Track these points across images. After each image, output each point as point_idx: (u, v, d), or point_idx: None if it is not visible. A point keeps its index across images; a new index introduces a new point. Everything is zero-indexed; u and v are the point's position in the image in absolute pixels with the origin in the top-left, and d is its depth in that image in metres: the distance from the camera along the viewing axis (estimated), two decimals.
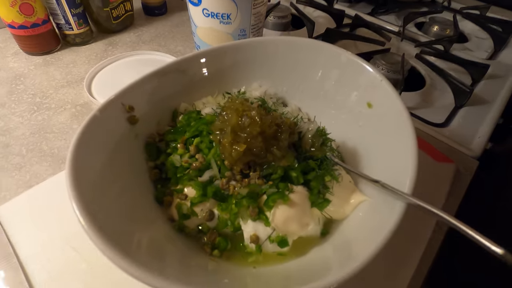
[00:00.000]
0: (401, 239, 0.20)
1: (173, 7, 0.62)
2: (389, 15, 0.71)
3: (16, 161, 0.32)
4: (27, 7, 0.41)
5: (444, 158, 0.36)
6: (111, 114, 0.23)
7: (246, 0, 0.38)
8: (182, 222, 0.24)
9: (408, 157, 0.21)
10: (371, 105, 0.27)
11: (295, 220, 0.23)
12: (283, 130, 0.23)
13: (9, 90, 0.40)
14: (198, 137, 0.26)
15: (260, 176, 0.23)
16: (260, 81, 0.33)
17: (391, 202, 0.20)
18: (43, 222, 0.26)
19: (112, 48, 0.50)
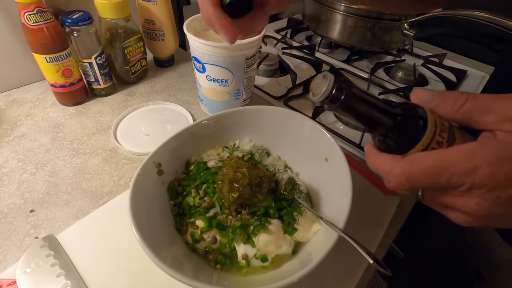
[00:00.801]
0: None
1: (179, 58, 0.74)
2: (362, 61, 0.84)
3: (64, 197, 0.42)
4: (67, 72, 0.53)
5: (390, 192, 0.47)
6: (147, 171, 0.34)
7: (239, 70, 0.50)
8: (194, 245, 0.34)
9: (346, 201, 0.32)
10: (327, 159, 0.38)
11: (273, 243, 0.34)
12: (264, 180, 0.34)
13: (52, 138, 0.51)
14: (206, 183, 0.37)
15: (248, 213, 0.34)
16: (250, 136, 0.44)
17: (331, 230, 0.31)
18: (92, 245, 0.36)
19: (130, 98, 0.61)
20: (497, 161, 0.17)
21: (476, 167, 0.17)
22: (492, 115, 0.20)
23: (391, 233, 0.42)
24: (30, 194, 0.42)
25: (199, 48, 0.47)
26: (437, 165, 0.18)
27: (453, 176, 0.18)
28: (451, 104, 0.21)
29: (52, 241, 0.36)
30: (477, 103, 0.20)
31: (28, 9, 0.45)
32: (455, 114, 0.21)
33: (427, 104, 0.22)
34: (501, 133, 0.19)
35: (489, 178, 0.17)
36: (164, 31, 0.64)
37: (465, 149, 0.18)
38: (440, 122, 0.22)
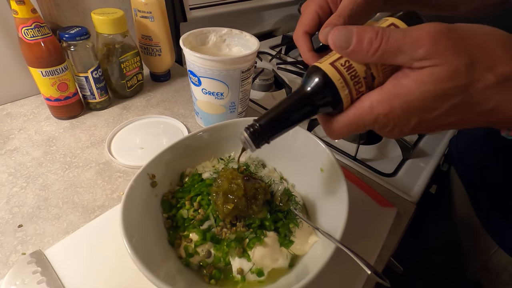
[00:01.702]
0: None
1: (175, 73, 0.75)
2: None
3: (54, 212, 0.41)
4: (63, 85, 0.53)
5: (387, 203, 0.46)
6: (141, 182, 0.33)
7: (235, 83, 0.51)
8: (188, 259, 0.33)
9: (342, 211, 0.31)
10: (323, 170, 0.38)
11: (269, 256, 0.33)
12: (259, 192, 0.34)
13: (44, 151, 0.50)
14: (200, 195, 0.36)
15: (244, 225, 0.33)
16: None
17: (328, 242, 0.30)
18: (82, 261, 0.35)
19: (126, 111, 0.61)
20: (389, 110, 0.22)
21: (376, 118, 0.23)
22: (402, 56, 0.21)
23: (389, 245, 0.42)
24: (19, 208, 0.41)
25: (195, 61, 0.48)
26: (352, 122, 0.24)
27: (365, 126, 0.24)
28: (367, 47, 0.21)
29: (39, 257, 0.35)
30: (390, 45, 0.21)
31: (26, 24, 0.45)
32: (371, 57, 0.22)
33: (343, 51, 0.22)
34: (409, 70, 0.21)
35: (387, 122, 0.23)
36: (161, 46, 0.65)
37: (368, 104, 0.23)
38: (351, 74, 0.23)
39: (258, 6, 0.91)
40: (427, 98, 0.21)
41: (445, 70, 0.20)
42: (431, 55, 0.20)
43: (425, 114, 0.22)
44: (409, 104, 0.21)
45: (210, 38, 0.56)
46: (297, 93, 0.25)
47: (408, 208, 0.48)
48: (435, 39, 0.20)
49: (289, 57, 0.93)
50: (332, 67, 0.23)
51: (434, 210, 0.64)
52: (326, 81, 0.23)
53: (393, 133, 0.24)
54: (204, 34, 0.55)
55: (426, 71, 0.20)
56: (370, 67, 0.23)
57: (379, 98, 0.22)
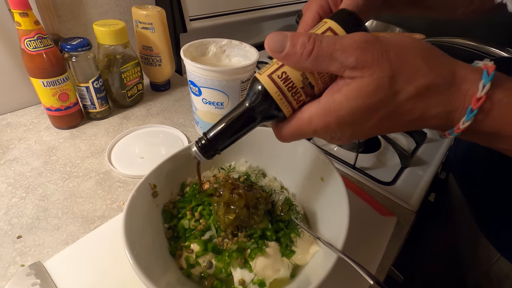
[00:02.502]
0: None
1: (175, 83, 0.76)
2: None
3: (54, 222, 0.41)
4: (64, 95, 0.53)
5: (387, 212, 0.47)
6: (142, 193, 0.33)
7: (235, 93, 0.51)
8: (189, 270, 0.33)
9: (343, 220, 0.32)
10: (323, 179, 0.38)
11: (270, 267, 0.33)
12: (260, 202, 0.34)
13: (44, 161, 0.50)
14: (201, 205, 0.36)
15: (245, 236, 0.33)
16: (246, 157, 0.44)
17: (330, 252, 0.30)
18: (81, 272, 0.35)
19: (126, 121, 0.61)
20: (324, 124, 0.23)
21: (315, 130, 0.24)
22: (334, 64, 0.21)
23: (390, 254, 0.41)
24: (18, 219, 0.41)
25: (195, 72, 0.49)
26: (294, 131, 0.25)
27: (307, 135, 0.25)
28: (300, 51, 0.21)
29: (39, 268, 0.34)
30: (322, 49, 0.21)
31: (28, 36, 0.46)
32: (305, 62, 0.22)
33: (278, 54, 0.22)
34: (342, 81, 0.22)
35: (325, 134, 0.24)
36: (161, 57, 0.66)
37: (306, 116, 0.23)
38: (288, 85, 0.23)
39: (257, 17, 0.92)
40: (356, 113, 0.22)
41: (371, 84, 0.20)
42: (360, 65, 0.20)
43: (358, 126, 0.23)
44: (341, 118, 0.22)
45: (210, 48, 0.56)
46: (241, 105, 0.26)
47: (408, 216, 0.48)
48: (363, 49, 0.20)
49: None
50: (269, 80, 0.23)
51: (433, 218, 0.64)
52: (265, 94, 0.24)
53: (334, 142, 0.25)
54: (204, 45, 0.56)
55: (354, 85, 0.21)
56: (307, 76, 0.23)
57: (316, 112, 0.23)
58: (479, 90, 0.20)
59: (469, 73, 0.21)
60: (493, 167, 0.47)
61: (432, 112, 0.21)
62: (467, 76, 0.21)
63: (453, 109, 0.21)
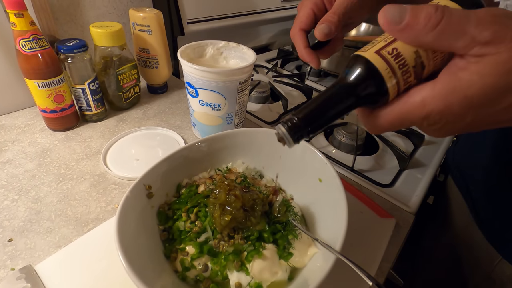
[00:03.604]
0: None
1: (172, 86, 0.75)
2: None
3: (47, 225, 0.40)
4: (59, 97, 0.53)
5: (386, 214, 0.46)
6: (137, 193, 0.33)
7: (232, 94, 0.51)
8: (184, 273, 0.32)
9: (342, 221, 0.31)
10: (321, 180, 0.38)
11: (268, 269, 0.32)
12: (257, 203, 0.33)
13: (38, 163, 0.49)
14: (197, 207, 0.35)
15: (242, 238, 0.33)
16: (243, 158, 0.44)
17: (328, 254, 0.29)
18: (74, 275, 0.34)
19: (122, 123, 0.60)
20: (445, 106, 0.20)
21: (428, 115, 0.20)
22: (464, 38, 0.18)
23: (389, 257, 0.41)
24: (9, 222, 0.40)
25: (192, 73, 0.48)
26: (398, 117, 0.22)
27: (412, 123, 0.22)
28: (424, 22, 0.19)
29: (29, 272, 0.33)
30: (452, 22, 0.18)
31: (24, 36, 0.45)
32: (427, 35, 0.19)
33: (396, 26, 0.20)
34: (466, 60, 0.19)
35: (439, 119, 0.20)
36: (158, 59, 0.66)
37: (419, 99, 0.21)
38: (399, 62, 0.21)
39: (255, 21, 0.93)
40: (490, 92, 0.19)
41: (511, 60, 0.18)
42: (497, 40, 0.18)
43: (484, 109, 0.19)
44: (469, 99, 0.19)
45: (208, 50, 0.56)
46: (338, 84, 0.23)
47: (407, 218, 0.47)
48: (502, 23, 0.18)
49: (285, 70, 0.95)
50: (377, 55, 0.21)
51: (432, 221, 0.63)
52: (371, 71, 0.21)
53: (441, 131, 0.22)
54: (202, 46, 0.56)
55: (489, 61, 0.18)
56: (421, 54, 0.20)
57: (433, 94, 0.20)
58: None
59: None
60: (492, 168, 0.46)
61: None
62: None
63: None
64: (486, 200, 0.47)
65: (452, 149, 0.61)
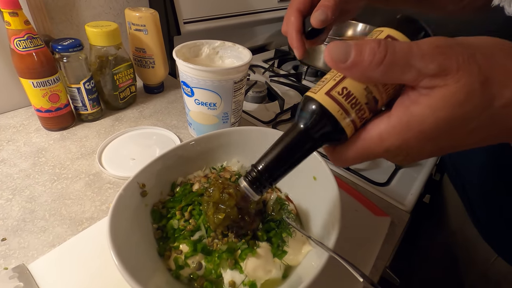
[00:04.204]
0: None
1: (168, 85, 0.75)
2: None
3: (41, 224, 0.40)
4: (54, 96, 0.52)
5: (381, 213, 0.46)
6: (131, 191, 0.33)
7: (228, 94, 0.51)
8: (178, 271, 0.32)
9: (335, 220, 0.31)
10: (315, 178, 0.38)
11: (261, 268, 0.32)
12: (252, 201, 0.33)
13: (33, 163, 0.49)
14: (191, 205, 0.35)
15: (235, 236, 0.33)
16: (238, 157, 0.44)
17: (322, 252, 0.29)
18: (67, 275, 0.34)
19: (118, 123, 0.60)
20: (402, 142, 0.20)
21: (387, 149, 0.21)
22: (410, 72, 0.18)
23: (384, 255, 0.41)
24: (3, 221, 0.40)
25: (188, 72, 0.48)
26: (360, 153, 0.22)
27: (375, 156, 0.22)
28: (369, 59, 0.19)
29: (22, 271, 0.33)
30: (396, 57, 0.18)
31: (18, 35, 0.45)
32: (374, 72, 0.19)
33: (342, 64, 0.20)
34: (418, 92, 0.19)
35: (399, 153, 0.21)
36: (155, 59, 0.66)
37: (376, 134, 0.21)
38: (351, 102, 0.20)
39: (252, 21, 0.93)
40: (443, 126, 0.19)
41: (459, 91, 0.18)
42: (443, 72, 0.18)
43: (442, 141, 0.20)
44: (424, 134, 0.19)
45: (203, 50, 0.56)
46: (294, 129, 0.22)
47: (402, 217, 0.48)
48: (445, 54, 0.18)
49: (282, 70, 0.95)
50: (328, 97, 0.21)
51: (428, 220, 0.63)
52: (325, 114, 0.21)
53: (406, 161, 0.22)
54: (198, 46, 0.56)
55: (438, 94, 0.18)
56: (371, 90, 0.20)
57: (388, 129, 0.20)
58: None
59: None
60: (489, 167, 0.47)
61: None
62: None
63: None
64: (482, 199, 0.47)
65: None
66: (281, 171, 0.24)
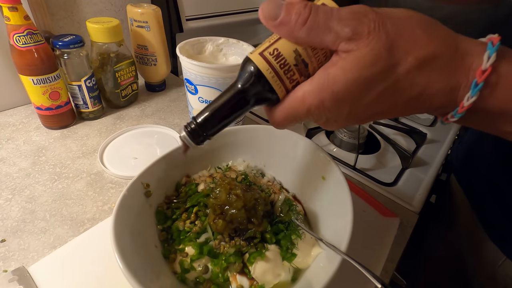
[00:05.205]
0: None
1: (171, 84, 0.74)
2: None
3: (41, 225, 0.39)
4: (55, 94, 0.51)
5: (390, 213, 0.45)
6: (134, 192, 0.31)
7: None
8: (183, 275, 0.31)
9: (347, 221, 0.30)
10: (324, 178, 0.37)
11: (270, 271, 0.31)
12: (259, 203, 0.32)
13: (33, 162, 0.48)
14: (197, 206, 0.34)
15: (243, 239, 0.31)
16: (244, 157, 0.43)
17: (333, 254, 0.28)
18: (68, 277, 0.33)
19: (120, 121, 0.59)
20: (319, 101, 0.21)
21: (309, 110, 0.22)
22: (330, 35, 0.20)
23: (394, 257, 0.40)
24: (2, 222, 0.39)
25: (191, 69, 0.47)
26: (288, 113, 0.23)
27: (301, 117, 0.23)
28: (295, 18, 0.20)
29: (22, 274, 0.32)
30: (317, 19, 0.20)
31: (18, 31, 0.44)
32: (299, 31, 0.20)
33: (271, 22, 0.21)
34: (339, 56, 0.20)
35: (319, 114, 0.22)
36: (157, 56, 0.65)
37: (300, 94, 0.22)
38: (280, 62, 0.22)
39: (254, 19, 0.92)
40: (353, 87, 0.20)
41: (367, 55, 0.19)
42: (356, 36, 0.19)
43: (354, 103, 0.21)
44: (336, 94, 0.20)
45: (207, 47, 0.55)
46: (232, 87, 0.24)
47: (411, 218, 0.47)
48: (359, 20, 0.19)
49: None
50: (260, 57, 0.22)
51: (434, 220, 0.62)
52: (257, 73, 0.22)
53: (329, 125, 0.23)
54: (201, 43, 0.54)
55: (351, 57, 0.20)
56: (300, 52, 0.22)
57: (309, 89, 0.21)
58: (484, 62, 0.19)
59: (472, 45, 0.20)
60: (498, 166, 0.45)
61: (434, 87, 0.20)
62: (470, 48, 0.20)
63: (457, 84, 0.20)
64: (491, 199, 0.46)
65: (456, 148, 0.60)
66: (218, 125, 0.25)
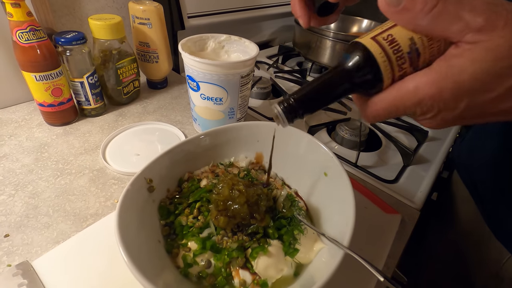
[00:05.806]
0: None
1: (172, 81, 0.74)
2: None
3: (44, 220, 0.39)
4: (57, 90, 0.51)
5: (391, 210, 0.45)
6: (138, 187, 0.32)
7: (234, 88, 0.50)
8: (186, 269, 0.31)
9: (349, 216, 0.30)
10: (326, 174, 0.37)
11: (273, 266, 0.31)
12: (262, 198, 0.32)
13: (36, 158, 0.48)
14: (199, 202, 0.34)
15: (246, 234, 0.32)
16: (246, 153, 0.43)
17: (335, 249, 0.28)
18: (72, 271, 0.33)
19: (122, 118, 0.59)
20: (437, 91, 0.20)
21: (421, 101, 0.21)
22: (458, 24, 0.19)
23: (395, 253, 0.40)
24: (6, 217, 0.39)
25: (193, 66, 0.47)
26: (392, 104, 0.22)
27: (406, 109, 0.22)
28: (421, 6, 0.19)
29: (26, 268, 0.32)
30: (447, 7, 0.19)
31: (21, 27, 0.44)
32: (422, 19, 0.19)
33: (393, 8, 0.20)
34: (461, 48, 0.19)
35: (432, 106, 0.21)
36: (159, 53, 0.65)
37: (412, 85, 0.21)
38: (394, 47, 0.21)
39: (256, 16, 0.92)
40: (481, 78, 0.19)
41: (503, 45, 0.18)
42: (489, 27, 0.18)
43: (477, 96, 0.19)
44: (460, 84, 0.19)
45: (209, 44, 0.55)
46: (335, 69, 0.23)
47: (412, 214, 0.47)
48: (494, 11, 0.18)
49: (286, 66, 0.94)
50: (373, 41, 0.22)
51: (435, 217, 0.62)
52: (367, 56, 0.22)
53: (434, 120, 0.22)
54: (203, 40, 0.54)
55: (481, 47, 0.18)
56: (415, 41, 0.21)
57: (426, 80, 0.20)
58: None
59: None
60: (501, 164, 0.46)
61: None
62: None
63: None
64: (495, 196, 0.46)
65: (459, 145, 0.60)
66: (315, 105, 0.25)
